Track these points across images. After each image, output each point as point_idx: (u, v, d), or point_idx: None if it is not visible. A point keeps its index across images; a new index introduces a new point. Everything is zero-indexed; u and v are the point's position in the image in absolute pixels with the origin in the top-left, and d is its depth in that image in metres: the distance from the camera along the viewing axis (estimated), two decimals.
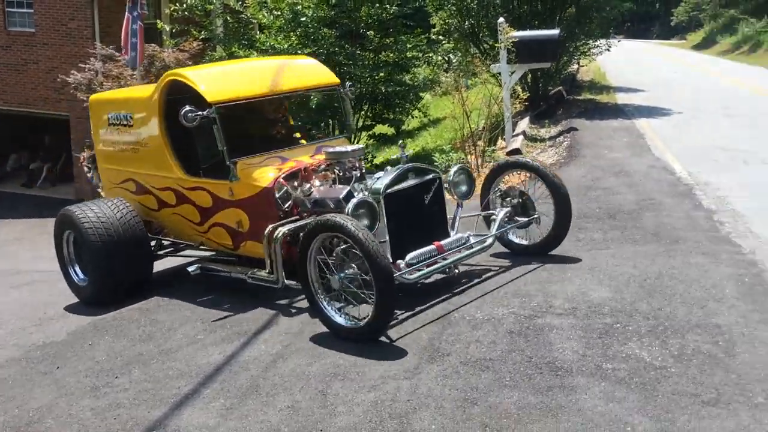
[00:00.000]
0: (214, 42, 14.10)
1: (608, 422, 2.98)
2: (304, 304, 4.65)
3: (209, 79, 5.52)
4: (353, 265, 4.09)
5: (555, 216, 5.15)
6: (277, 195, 4.98)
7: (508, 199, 5.27)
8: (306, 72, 6.21)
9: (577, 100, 15.50)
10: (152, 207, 5.92)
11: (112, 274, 5.56)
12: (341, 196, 4.74)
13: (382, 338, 4.07)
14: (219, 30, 14.36)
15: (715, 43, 35.09)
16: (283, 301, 4.98)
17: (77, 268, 5.94)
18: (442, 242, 4.69)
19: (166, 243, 6.32)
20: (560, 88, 15.49)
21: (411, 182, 4.79)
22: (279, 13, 12.47)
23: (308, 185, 5.04)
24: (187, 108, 4.88)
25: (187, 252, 6.36)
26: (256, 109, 6.24)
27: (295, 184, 5.09)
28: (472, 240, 4.90)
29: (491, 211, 5.30)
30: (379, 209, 4.52)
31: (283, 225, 4.86)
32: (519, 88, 10.38)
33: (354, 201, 4.46)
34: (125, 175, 6.13)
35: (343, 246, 4.10)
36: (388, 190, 4.63)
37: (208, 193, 5.37)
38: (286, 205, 5.00)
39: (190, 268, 5.46)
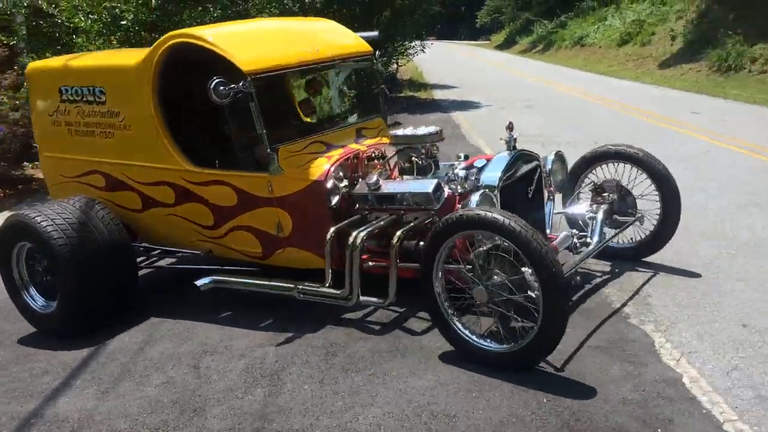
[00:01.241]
0: (21, 47, 13.27)
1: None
2: (159, 288, 4.85)
3: (237, 42, 4.30)
4: (497, 271, 3.40)
5: (661, 215, 4.54)
6: (328, 189, 4.15)
7: (605, 194, 4.52)
8: (339, 36, 5.08)
9: (399, 97, 16.59)
10: (132, 207, 4.76)
11: (92, 294, 4.33)
12: (430, 190, 3.97)
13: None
14: (23, 33, 13.51)
15: (515, 43, 38.67)
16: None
17: (33, 291, 4.56)
18: (555, 241, 4.03)
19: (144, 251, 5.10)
20: (383, 86, 16.45)
21: (521, 171, 4.17)
22: (96, 17, 12.08)
23: (374, 177, 4.16)
24: (218, 79, 3.82)
25: (161, 261, 5.34)
26: (287, 82, 5.28)
27: (344, 175, 4.30)
28: (577, 241, 4.22)
29: (586, 207, 4.52)
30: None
31: (349, 226, 4.07)
32: (345, 88, 11.02)
33: (477, 196, 3.81)
34: (88, 166, 4.87)
35: (484, 248, 3.43)
36: (503, 183, 3.96)
37: (232, 190, 4.31)
38: (334, 202, 4.19)
39: (201, 282, 4.26)
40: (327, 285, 3.99)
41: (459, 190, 4.09)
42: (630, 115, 11.88)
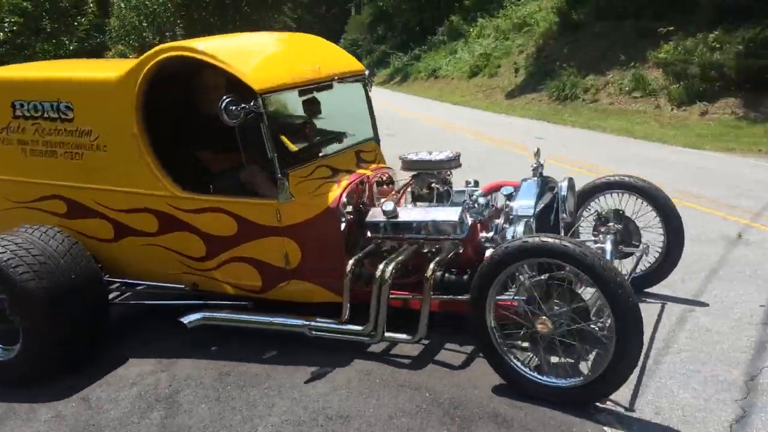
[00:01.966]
0: None
1: None
2: None
3: (241, 57, 3.97)
4: (558, 301, 3.24)
5: (665, 247, 4.45)
6: (342, 217, 3.92)
7: (610, 224, 4.29)
8: (333, 54, 4.79)
9: None
10: (100, 236, 4.33)
11: (63, 336, 3.88)
12: (457, 219, 3.82)
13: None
14: None
15: (374, 75, 39.95)
16: None
17: None
18: None
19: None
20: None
21: (547, 199, 4.08)
22: None
23: (391, 204, 3.96)
24: (229, 98, 3.57)
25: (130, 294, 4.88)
26: (288, 100, 4.97)
27: (353, 202, 4.09)
28: None
29: (593, 239, 4.30)
30: None
31: (365, 257, 3.94)
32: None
33: (521, 226, 3.73)
34: (46, 191, 4.40)
35: (541, 277, 3.27)
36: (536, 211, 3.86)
37: (231, 218, 4.00)
38: (346, 230, 3.97)
39: (188, 319, 4.02)
40: (344, 320, 3.81)
41: (479, 218, 3.99)
42: (483, 140, 12.88)
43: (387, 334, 3.73)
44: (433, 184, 4.19)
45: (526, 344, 3.43)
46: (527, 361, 3.43)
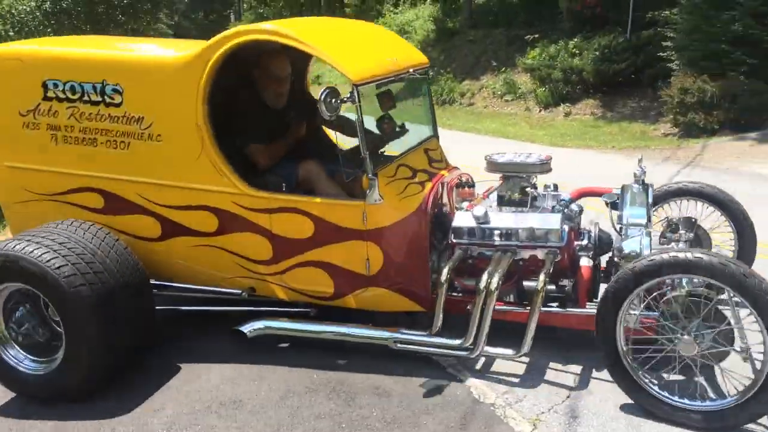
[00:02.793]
0: None
1: None
2: None
3: (333, 44, 3.73)
4: (696, 321, 3.05)
5: (736, 253, 4.21)
6: (429, 221, 3.70)
7: (681, 232, 3.84)
8: (401, 44, 4.54)
9: None
10: (144, 234, 3.93)
11: (113, 346, 3.50)
12: (558, 226, 3.62)
13: None
14: None
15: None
16: None
17: (15, 351, 3.62)
18: None
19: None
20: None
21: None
22: None
23: (483, 209, 3.73)
24: (330, 89, 3.30)
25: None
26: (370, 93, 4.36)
27: (437, 204, 3.86)
28: None
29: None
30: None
31: (454, 263, 3.64)
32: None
33: (645, 236, 3.50)
34: (79, 182, 3.94)
35: (677, 294, 3.09)
36: None
37: (308, 219, 3.67)
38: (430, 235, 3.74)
39: (249, 327, 3.76)
40: (434, 332, 3.58)
41: (572, 226, 3.83)
42: None
43: (487, 349, 3.46)
44: (528, 189, 3.87)
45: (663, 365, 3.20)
46: (663, 383, 3.20)
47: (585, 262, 3.74)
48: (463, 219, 3.80)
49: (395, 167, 3.84)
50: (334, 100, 3.34)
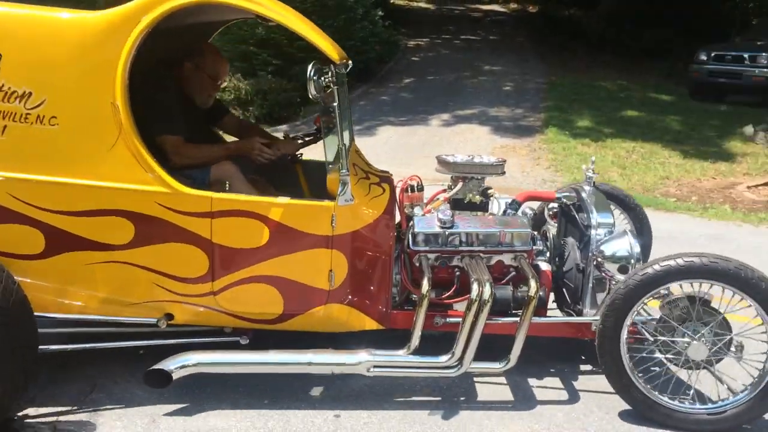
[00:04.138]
0: None
1: None
2: None
3: (299, 18, 3.16)
4: (694, 328, 3.02)
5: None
6: (395, 225, 3.33)
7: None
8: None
9: None
10: (19, 251, 2.95)
11: None
12: (530, 230, 3.42)
13: None
14: None
15: None
16: None
17: None
18: None
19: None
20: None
21: None
22: None
23: (448, 212, 3.36)
24: (315, 66, 2.86)
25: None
26: None
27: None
28: None
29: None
30: None
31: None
32: None
33: (630, 237, 3.38)
34: None
35: (676, 299, 3.04)
36: None
37: (262, 224, 3.04)
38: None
39: (175, 364, 2.96)
40: (410, 352, 3.09)
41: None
42: None
43: (473, 365, 3.08)
44: (489, 191, 3.63)
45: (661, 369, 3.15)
46: (668, 389, 3.11)
47: (544, 266, 3.48)
48: (424, 224, 3.36)
49: (351, 164, 3.26)
50: (323, 78, 2.89)
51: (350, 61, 3.51)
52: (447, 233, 3.31)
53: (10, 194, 2.87)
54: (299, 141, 3.95)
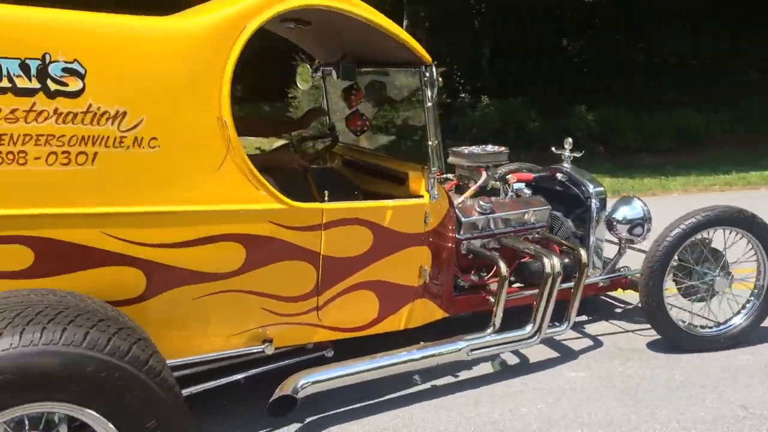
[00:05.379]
0: None
1: None
2: None
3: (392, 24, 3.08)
4: (708, 266, 3.75)
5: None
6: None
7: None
8: None
9: None
10: (113, 296, 2.47)
11: None
12: (549, 207, 3.88)
13: None
14: None
15: None
16: None
17: None
18: None
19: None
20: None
21: None
22: None
23: (487, 200, 3.64)
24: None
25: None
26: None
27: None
28: None
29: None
30: None
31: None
32: None
33: (644, 206, 4.03)
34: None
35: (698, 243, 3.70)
36: None
37: (368, 229, 2.96)
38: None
39: (293, 387, 2.76)
40: (495, 330, 3.34)
41: None
42: None
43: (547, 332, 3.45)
44: (507, 177, 3.96)
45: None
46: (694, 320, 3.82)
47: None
48: (466, 213, 3.59)
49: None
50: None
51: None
52: (488, 219, 3.61)
53: (104, 232, 2.42)
54: (319, 147, 4.10)
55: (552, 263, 3.34)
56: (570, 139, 4.20)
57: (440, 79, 3.15)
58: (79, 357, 1.91)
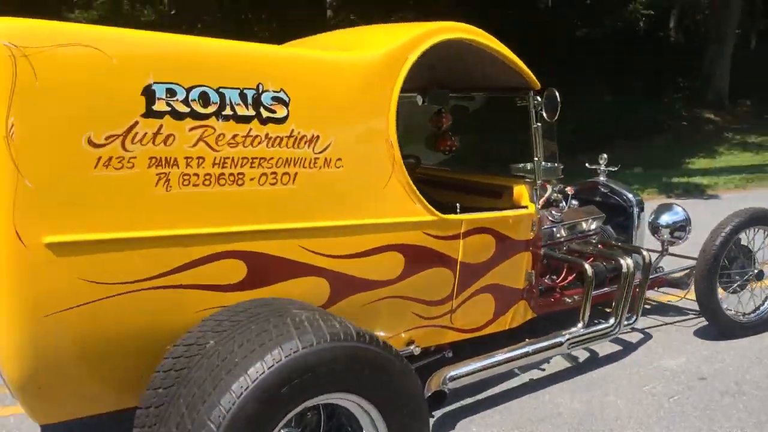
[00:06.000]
0: None
1: None
2: None
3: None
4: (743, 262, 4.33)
5: None
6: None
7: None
8: None
9: None
10: (313, 304, 2.63)
11: None
12: (603, 215, 4.38)
13: None
14: None
15: None
16: None
17: None
18: None
19: None
20: None
21: None
22: None
23: (557, 210, 4.11)
24: (550, 91, 3.50)
25: None
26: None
27: None
28: None
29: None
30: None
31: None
32: None
33: (683, 210, 4.57)
34: (204, 250, 2.41)
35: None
36: None
37: (493, 237, 3.36)
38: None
39: (442, 383, 3.10)
40: (585, 325, 3.72)
41: None
42: None
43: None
44: (566, 189, 4.25)
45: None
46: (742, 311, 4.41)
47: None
48: (543, 222, 3.93)
49: None
50: (556, 103, 3.51)
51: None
52: (560, 227, 4.10)
53: (301, 246, 2.67)
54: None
55: (627, 263, 3.84)
56: (605, 155, 4.71)
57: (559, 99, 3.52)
58: (355, 350, 2.19)
